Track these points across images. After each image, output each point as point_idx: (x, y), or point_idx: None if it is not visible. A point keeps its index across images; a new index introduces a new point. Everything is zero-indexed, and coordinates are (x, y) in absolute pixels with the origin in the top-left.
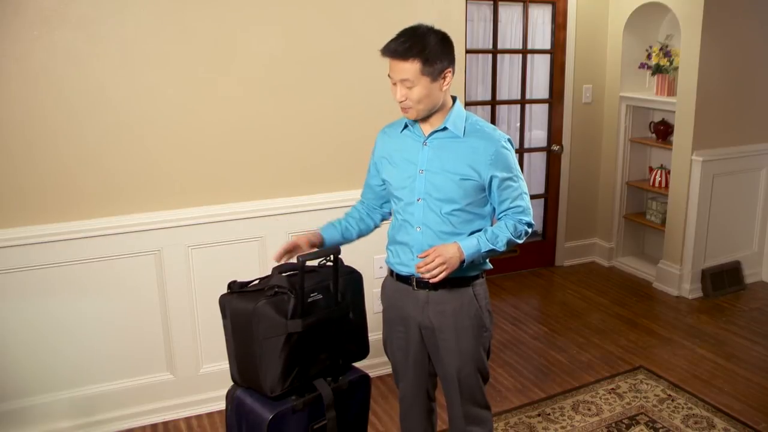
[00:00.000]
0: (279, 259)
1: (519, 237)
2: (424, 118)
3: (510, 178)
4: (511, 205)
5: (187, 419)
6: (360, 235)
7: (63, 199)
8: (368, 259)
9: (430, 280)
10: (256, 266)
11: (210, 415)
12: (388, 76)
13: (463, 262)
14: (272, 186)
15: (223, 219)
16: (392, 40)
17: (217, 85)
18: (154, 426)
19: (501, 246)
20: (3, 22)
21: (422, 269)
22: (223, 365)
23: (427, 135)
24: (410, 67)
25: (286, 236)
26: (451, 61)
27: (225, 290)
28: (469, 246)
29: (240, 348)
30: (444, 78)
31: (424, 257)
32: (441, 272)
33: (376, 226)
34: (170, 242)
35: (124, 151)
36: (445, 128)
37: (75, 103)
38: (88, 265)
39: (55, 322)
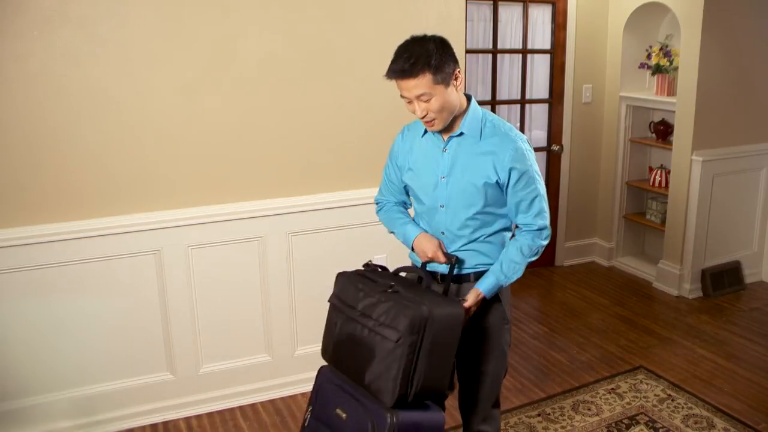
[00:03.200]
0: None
1: (536, 254)
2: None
3: (527, 174)
4: (530, 212)
5: (187, 419)
6: None
7: (63, 199)
8: (369, 259)
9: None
10: (256, 266)
11: (210, 415)
12: (401, 96)
13: (484, 298)
14: (272, 186)
15: (223, 219)
16: (394, 61)
17: (217, 85)
18: (154, 426)
19: (521, 271)
20: (3, 22)
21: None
22: (222, 365)
23: (445, 141)
24: (422, 81)
25: (286, 236)
26: (455, 61)
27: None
28: (487, 285)
29: (435, 359)
30: (456, 79)
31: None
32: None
33: None
34: (170, 242)
35: (124, 151)
36: (461, 133)
37: (75, 103)
38: (88, 265)
39: (55, 321)
